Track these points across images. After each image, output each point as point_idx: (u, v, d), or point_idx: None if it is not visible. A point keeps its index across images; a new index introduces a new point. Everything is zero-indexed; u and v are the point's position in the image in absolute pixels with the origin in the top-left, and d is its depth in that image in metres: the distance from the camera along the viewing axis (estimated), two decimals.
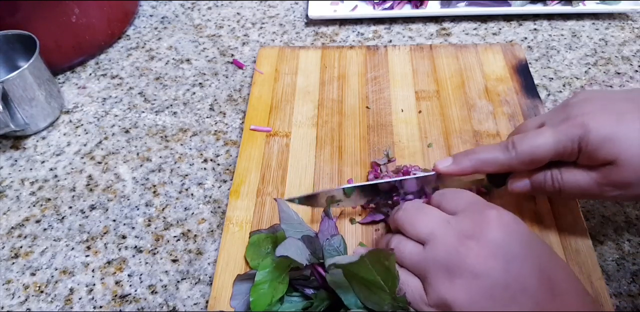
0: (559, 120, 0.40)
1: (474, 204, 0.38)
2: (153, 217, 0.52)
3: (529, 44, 0.67)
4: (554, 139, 0.39)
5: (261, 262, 0.42)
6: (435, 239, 0.36)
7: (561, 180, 0.41)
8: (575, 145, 0.39)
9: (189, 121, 0.61)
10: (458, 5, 0.70)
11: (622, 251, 0.47)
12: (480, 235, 0.35)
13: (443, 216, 0.38)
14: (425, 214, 0.39)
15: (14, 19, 0.60)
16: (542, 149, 0.40)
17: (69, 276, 0.48)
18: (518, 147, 0.41)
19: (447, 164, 0.44)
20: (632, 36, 0.67)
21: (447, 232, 0.36)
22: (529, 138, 0.41)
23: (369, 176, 0.51)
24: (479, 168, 0.43)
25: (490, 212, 0.36)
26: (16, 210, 0.54)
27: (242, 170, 0.53)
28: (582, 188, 0.41)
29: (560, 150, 0.40)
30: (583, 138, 0.38)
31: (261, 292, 0.41)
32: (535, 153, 0.40)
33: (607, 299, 0.42)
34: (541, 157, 0.40)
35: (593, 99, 0.41)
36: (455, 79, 0.61)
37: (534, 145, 0.40)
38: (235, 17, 0.75)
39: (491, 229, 0.35)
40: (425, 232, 0.37)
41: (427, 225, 0.37)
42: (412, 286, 0.37)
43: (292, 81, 0.62)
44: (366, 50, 0.65)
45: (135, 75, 0.68)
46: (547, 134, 0.40)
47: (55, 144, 0.60)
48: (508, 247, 0.35)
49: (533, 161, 0.41)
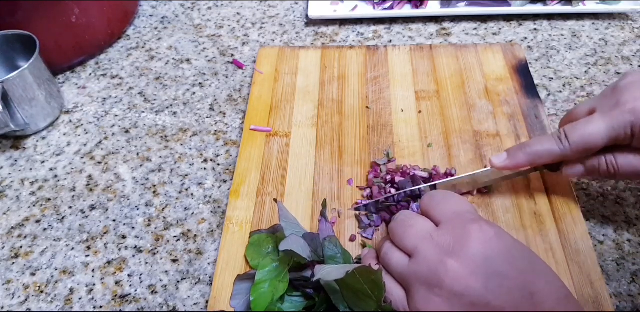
0: (610, 106, 0.40)
1: (458, 216, 0.38)
2: (153, 217, 0.52)
3: (529, 44, 0.67)
4: (606, 126, 0.40)
5: (261, 262, 0.42)
6: (419, 254, 0.36)
7: (616, 164, 0.41)
8: (629, 131, 0.39)
9: (189, 121, 0.61)
10: (458, 5, 0.70)
11: (622, 251, 0.47)
12: (461, 252, 0.35)
13: (427, 229, 0.38)
14: (411, 226, 0.38)
15: (14, 19, 0.60)
16: (595, 137, 0.40)
17: (69, 276, 0.48)
18: (570, 137, 0.41)
19: (503, 160, 0.44)
20: (632, 36, 0.67)
21: (429, 248, 0.36)
22: (581, 127, 0.41)
23: (369, 176, 0.51)
24: (534, 161, 0.43)
25: (472, 227, 0.36)
26: (16, 210, 0.54)
27: (242, 170, 0.53)
28: (638, 170, 0.41)
29: (613, 137, 0.40)
30: (635, 124, 0.39)
31: (261, 292, 0.41)
32: (589, 142, 0.40)
33: (607, 299, 0.42)
34: (595, 146, 0.41)
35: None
36: (455, 79, 0.61)
37: (586, 134, 0.40)
38: (235, 17, 0.75)
39: (472, 246, 0.35)
40: (410, 245, 0.37)
41: (412, 238, 0.37)
42: (396, 296, 0.37)
43: (292, 81, 0.62)
44: (366, 50, 0.65)
45: (135, 75, 0.68)
46: (598, 122, 0.40)
47: (55, 144, 0.60)
48: (489, 264, 0.34)
49: (587, 150, 0.41)
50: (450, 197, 0.40)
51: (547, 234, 0.46)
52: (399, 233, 0.39)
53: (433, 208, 0.39)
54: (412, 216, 0.40)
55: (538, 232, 0.46)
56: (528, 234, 0.46)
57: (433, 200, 0.40)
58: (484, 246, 0.35)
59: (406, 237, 0.38)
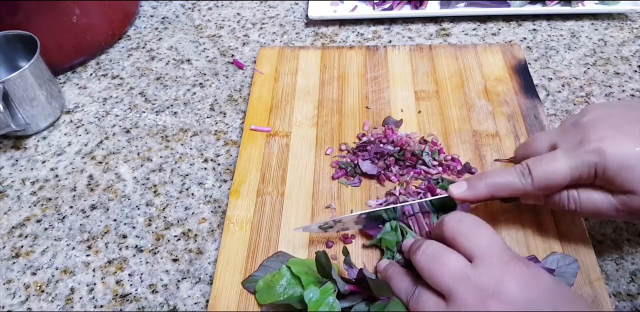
0: (573, 143, 0.39)
1: (493, 253, 0.36)
2: (154, 216, 0.52)
3: (528, 44, 0.67)
4: (570, 165, 0.38)
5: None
6: (456, 297, 0.35)
7: (578, 201, 0.40)
8: (592, 171, 0.38)
9: (190, 121, 0.61)
10: (457, 5, 0.70)
11: (621, 250, 0.47)
12: (501, 294, 0.34)
13: (462, 268, 0.35)
14: (443, 264, 0.36)
15: (14, 19, 0.60)
16: (558, 175, 0.39)
17: (69, 275, 0.48)
18: (534, 172, 0.40)
19: (462, 190, 0.42)
20: (631, 36, 0.68)
21: (467, 291, 0.34)
22: (544, 163, 0.39)
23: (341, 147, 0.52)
24: (494, 194, 0.42)
25: (509, 268, 0.35)
26: (17, 210, 0.54)
27: (243, 170, 0.53)
28: (600, 210, 0.40)
29: (576, 177, 0.39)
30: (600, 165, 0.37)
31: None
32: (551, 179, 0.39)
33: (606, 299, 0.42)
34: (557, 184, 0.39)
35: (606, 119, 0.39)
36: (455, 79, 0.61)
37: (549, 171, 0.39)
38: (235, 18, 0.75)
39: (512, 289, 0.34)
40: (445, 287, 0.35)
41: (447, 279, 0.35)
42: None
43: (292, 81, 0.62)
44: (366, 50, 0.65)
45: (136, 75, 0.68)
46: (562, 160, 0.39)
47: (56, 144, 0.60)
48: (531, 306, 0.33)
49: (549, 187, 0.40)
50: (482, 228, 0.38)
51: (547, 233, 0.46)
52: (431, 271, 0.36)
53: (463, 240, 0.37)
54: (443, 251, 0.37)
55: (537, 232, 0.46)
56: (527, 234, 0.46)
57: (462, 229, 0.37)
58: (525, 288, 0.34)
59: (439, 277, 0.36)
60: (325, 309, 0.39)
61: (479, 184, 0.42)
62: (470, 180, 0.43)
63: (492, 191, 0.41)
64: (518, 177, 0.40)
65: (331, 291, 0.40)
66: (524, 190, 0.41)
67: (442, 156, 0.52)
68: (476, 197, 0.42)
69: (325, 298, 0.40)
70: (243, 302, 0.44)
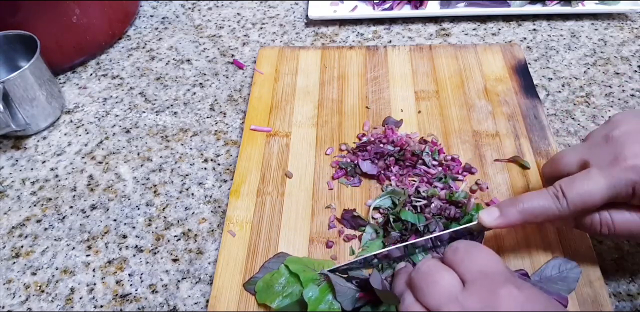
0: (608, 160, 0.37)
1: (485, 277, 0.34)
2: (154, 216, 0.52)
3: (528, 44, 0.67)
4: (607, 185, 0.36)
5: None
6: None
7: (612, 224, 0.38)
8: (630, 190, 0.36)
9: (190, 121, 0.61)
10: (457, 5, 0.70)
11: (622, 250, 0.47)
12: None
13: (453, 288, 0.34)
14: (435, 282, 0.35)
15: (14, 19, 0.60)
16: (595, 196, 0.37)
17: (69, 275, 0.48)
18: (568, 195, 0.37)
19: (495, 217, 0.39)
20: (631, 36, 0.68)
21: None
22: (578, 184, 0.37)
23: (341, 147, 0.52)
24: (528, 220, 0.39)
25: (500, 293, 0.33)
26: (17, 210, 0.54)
27: (243, 170, 0.53)
28: (635, 230, 0.38)
29: (613, 196, 0.37)
30: (638, 182, 0.36)
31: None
32: (587, 201, 0.37)
33: (606, 299, 0.42)
34: (593, 205, 0.37)
35: (638, 132, 0.38)
36: (455, 79, 0.61)
37: (585, 192, 0.37)
38: (235, 18, 0.75)
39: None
40: (434, 305, 0.34)
41: (436, 297, 0.34)
42: None
43: (292, 81, 0.62)
44: (366, 50, 0.65)
45: (136, 75, 0.68)
46: (597, 179, 0.37)
47: (56, 144, 0.60)
48: None
49: (585, 209, 0.38)
50: (476, 252, 0.36)
51: (546, 233, 0.46)
52: (422, 288, 0.35)
53: (458, 264, 0.36)
54: (437, 269, 0.36)
55: (537, 232, 0.46)
56: (527, 234, 0.46)
57: (457, 253, 0.36)
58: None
59: (429, 294, 0.35)
60: (324, 307, 0.39)
61: (512, 210, 0.39)
62: (502, 205, 0.40)
63: (526, 217, 0.39)
64: (553, 202, 0.38)
65: (330, 289, 0.40)
66: (560, 215, 0.38)
67: (442, 155, 0.52)
68: (510, 225, 0.39)
69: (324, 296, 0.40)
70: (243, 302, 0.44)
